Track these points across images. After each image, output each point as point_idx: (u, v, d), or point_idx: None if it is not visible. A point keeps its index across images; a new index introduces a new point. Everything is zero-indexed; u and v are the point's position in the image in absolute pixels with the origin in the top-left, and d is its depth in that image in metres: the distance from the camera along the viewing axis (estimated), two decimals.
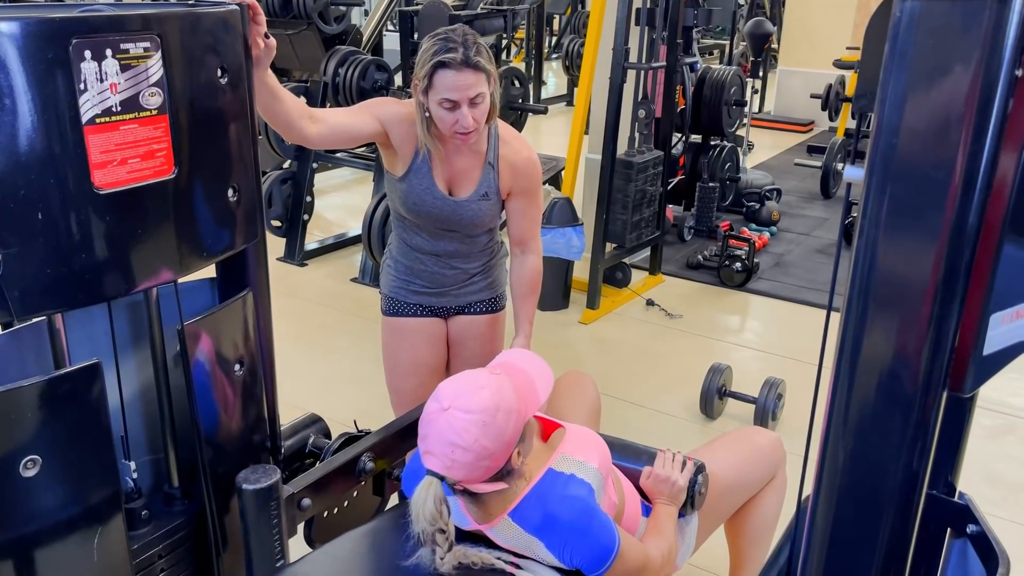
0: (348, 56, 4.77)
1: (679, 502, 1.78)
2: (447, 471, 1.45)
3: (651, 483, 1.80)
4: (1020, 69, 0.76)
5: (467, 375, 1.51)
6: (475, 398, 1.43)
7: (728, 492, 1.95)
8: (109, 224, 1.28)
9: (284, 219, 4.91)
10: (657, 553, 1.64)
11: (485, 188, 2.12)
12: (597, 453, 1.66)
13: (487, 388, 1.45)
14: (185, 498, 1.65)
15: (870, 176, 0.83)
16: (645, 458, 1.87)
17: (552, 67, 12.25)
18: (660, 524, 1.73)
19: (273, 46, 1.62)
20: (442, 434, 1.43)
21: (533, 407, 1.53)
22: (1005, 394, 3.48)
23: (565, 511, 1.52)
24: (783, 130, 8.89)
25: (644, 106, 4.31)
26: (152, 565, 1.56)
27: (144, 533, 1.56)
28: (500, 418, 1.43)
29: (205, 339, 1.53)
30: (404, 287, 2.28)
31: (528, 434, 1.53)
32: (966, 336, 0.82)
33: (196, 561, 1.65)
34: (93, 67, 1.21)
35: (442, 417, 1.43)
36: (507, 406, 1.45)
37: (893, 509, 0.90)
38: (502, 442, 1.44)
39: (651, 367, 3.75)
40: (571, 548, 1.51)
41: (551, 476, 1.57)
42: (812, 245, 5.37)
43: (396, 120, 2.06)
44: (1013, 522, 2.70)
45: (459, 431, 1.41)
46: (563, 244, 4.04)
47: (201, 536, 1.65)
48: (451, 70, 1.90)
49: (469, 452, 1.42)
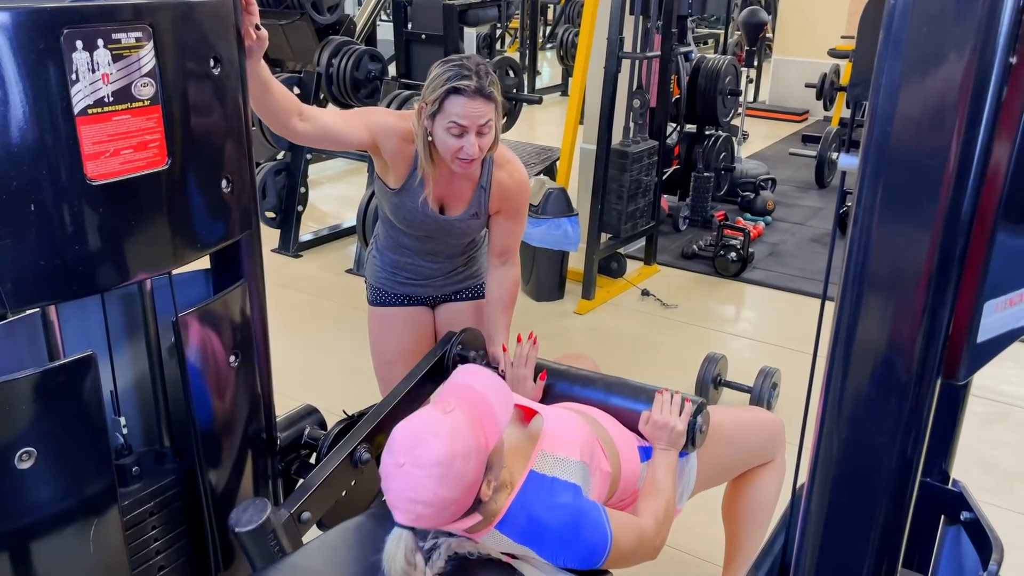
0: (341, 46, 4.74)
1: (679, 446, 1.76)
2: (415, 523, 1.41)
3: (649, 429, 1.78)
4: (1014, 57, 0.76)
5: (418, 419, 1.41)
6: (428, 452, 1.35)
7: (728, 442, 1.93)
8: (102, 215, 1.27)
9: (278, 210, 4.89)
10: (652, 519, 1.62)
11: (475, 209, 2.15)
12: (578, 441, 1.63)
13: (440, 436, 1.36)
14: (182, 495, 1.64)
15: (864, 165, 0.83)
16: (644, 397, 1.84)
17: (547, 57, 12.22)
18: (657, 479, 1.71)
19: (265, 37, 1.61)
20: (401, 492, 1.37)
21: (495, 435, 1.44)
22: (999, 382, 3.50)
23: (552, 520, 1.49)
24: (778, 119, 8.89)
25: (639, 96, 4.30)
26: (150, 562, 1.56)
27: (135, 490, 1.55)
28: (458, 465, 1.36)
29: (200, 330, 1.53)
30: (390, 278, 2.30)
31: (495, 459, 1.46)
32: (960, 324, 0.82)
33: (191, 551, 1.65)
34: (85, 57, 1.20)
35: (398, 474, 1.37)
36: (464, 450, 1.37)
37: (887, 496, 0.90)
38: (463, 486, 1.38)
39: (646, 357, 3.76)
40: (563, 555, 1.50)
41: (534, 481, 1.53)
42: (807, 234, 5.37)
43: (390, 134, 2.04)
44: (1007, 509, 2.72)
45: (416, 488, 1.35)
46: (558, 235, 4.04)
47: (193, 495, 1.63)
48: (464, 96, 1.91)
49: (431, 506, 1.36)
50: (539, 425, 1.68)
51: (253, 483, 1.77)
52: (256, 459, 1.77)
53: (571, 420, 1.72)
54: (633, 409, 1.85)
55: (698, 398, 1.82)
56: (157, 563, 1.59)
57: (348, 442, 1.84)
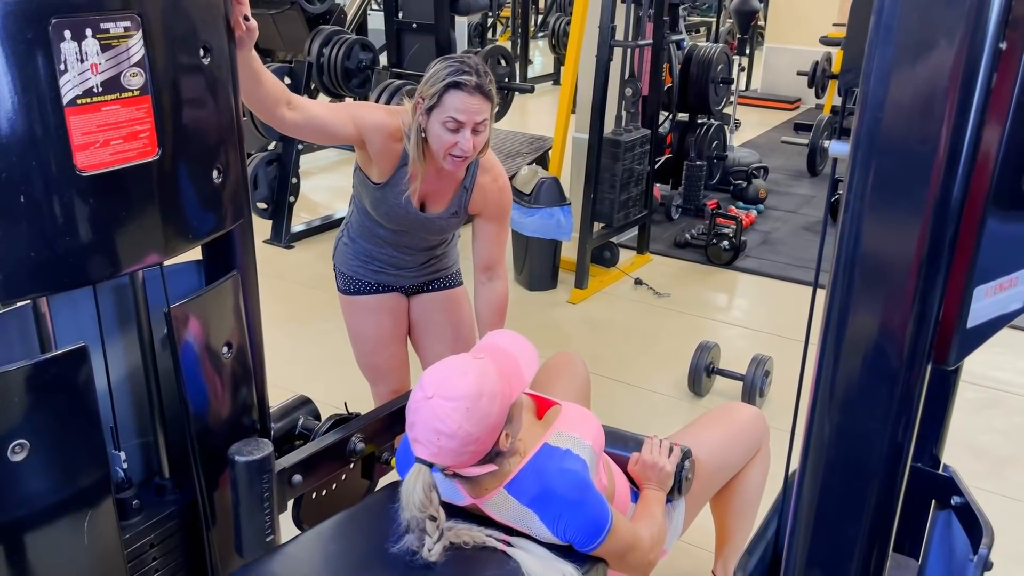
0: (332, 36, 4.72)
1: (667, 487, 1.81)
2: (435, 458, 1.47)
3: (639, 469, 1.82)
4: (1004, 42, 0.76)
5: (451, 361, 1.52)
6: (458, 385, 1.45)
7: (712, 474, 1.98)
8: (93, 207, 1.26)
9: (270, 201, 4.88)
10: (647, 534, 1.66)
11: (456, 208, 2.17)
12: (591, 431, 1.68)
13: (469, 374, 1.47)
14: (176, 488, 1.65)
15: (855, 151, 0.83)
16: (633, 444, 1.89)
17: (538, 46, 12.17)
18: (649, 508, 1.76)
19: (255, 28, 1.60)
20: (427, 422, 1.45)
21: (519, 388, 1.54)
22: (989, 368, 3.52)
23: (561, 484, 1.55)
24: (770, 108, 8.89)
25: (631, 84, 4.29)
26: (144, 554, 1.57)
27: (135, 523, 1.56)
28: (484, 403, 1.45)
29: (193, 322, 1.53)
30: (363, 267, 2.31)
31: (516, 414, 1.54)
32: (950, 309, 0.83)
33: (188, 549, 1.66)
34: (73, 47, 1.19)
35: (426, 406, 1.45)
36: (490, 390, 1.46)
37: (878, 481, 0.91)
38: (486, 426, 1.46)
39: (639, 346, 3.77)
40: (565, 521, 1.53)
41: (547, 450, 1.59)
42: (799, 223, 5.38)
43: (377, 131, 2.04)
44: (998, 494, 2.74)
45: (443, 418, 1.43)
46: (551, 224, 4.04)
47: (193, 525, 1.65)
48: (463, 92, 1.92)
49: (454, 439, 1.44)
50: (555, 415, 1.73)
51: None
52: None
53: (588, 416, 1.76)
54: (623, 455, 1.88)
55: (685, 446, 1.86)
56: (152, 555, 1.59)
57: (346, 429, 1.86)
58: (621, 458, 1.87)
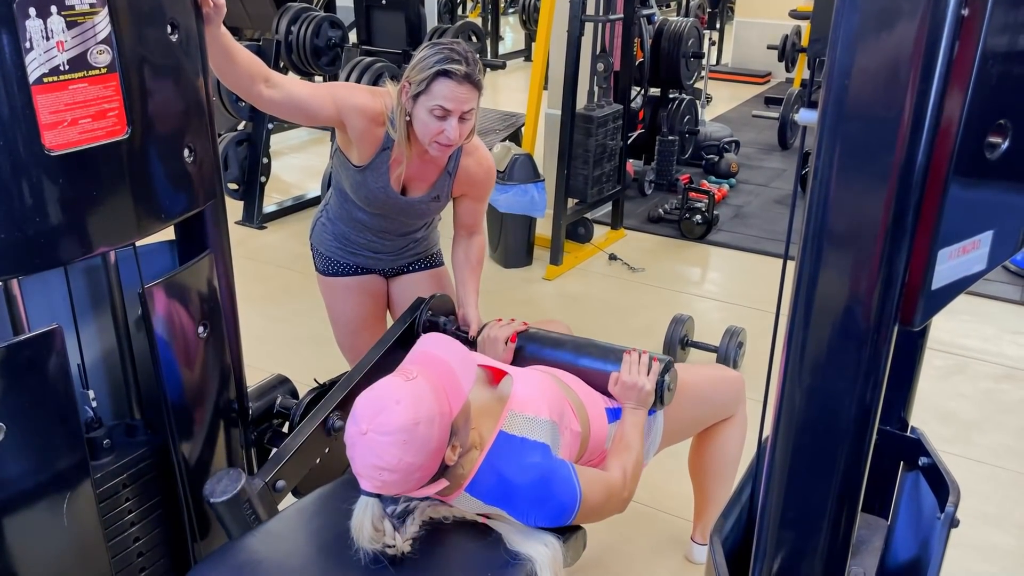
0: (300, 13, 4.66)
1: (647, 405, 1.80)
2: (380, 490, 1.43)
3: (619, 389, 1.81)
4: (966, 9, 0.77)
5: (381, 387, 1.42)
6: (390, 418, 1.36)
7: (692, 399, 1.98)
8: (62, 186, 1.25)
9: (241, 182, 4.82)
10: (620, 473, 1.66)
11: (438, 192, 2.16)
12: (547, 401, 1.65)
13: (402, 402, 1.37)
14: (148, 429, 1.63)
15: (823, 118, 0.84)
16: (612, 358, 1.88)
17: (509, 22, 12.10)
18: (626, 436, 1.75)
19: (222, 5, 1.58)
20: (364, 458, 1.38)
21: (458, 401, 1.45)
22: (956, 335, 3.59)
23: (522, 480, 1.52)
24: (741, 82, 8.92)
25: (603, 59, 4.29)
26: (117, 494, 1.56)
27: (107, 462, 1.54)
28: (421, 431, 1.37)
29: (167, 302, 1.52)
30: (341, 248, 2.30)
31: (461, 424, 1.47)
32: (915, 271, 0.85)
33: (162, 491, 1.64)
34: (38, 25, 1.17)
35: (362, 441, 1.38)
36: (427, 415, 1.38)
37: (848, 441, 0.93)
38: (427, 452, 1.39)
39: (615, 320, 3.80)
40: (534, 514, 1.53)
41: (503, 441, 1.56)
42: (770, 196, 5.43)
43: (358, 114, 2.01)
44: (965, 457, 2.81)
45: (380, 454, 1.36)
46: (525, 201, 4.04)
47: (166, 467, 1.63)
48: (453, 80, 1.90)
49: (396, 472, 1.38)
50: (508, 386, 1.71)
51: (226, 453, 1.77)
52: (228, 429, 1.76)
53: (541, 381, 1.74)
54: (602, 370, 1.88)
55: (665, 356, 1.85)
56: (132, 535, 1.59)
57: (321, 410, 1.85)
58: (600, 375, 1.85)
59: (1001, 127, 0.84)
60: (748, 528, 1.35)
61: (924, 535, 1.35)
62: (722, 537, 1.26)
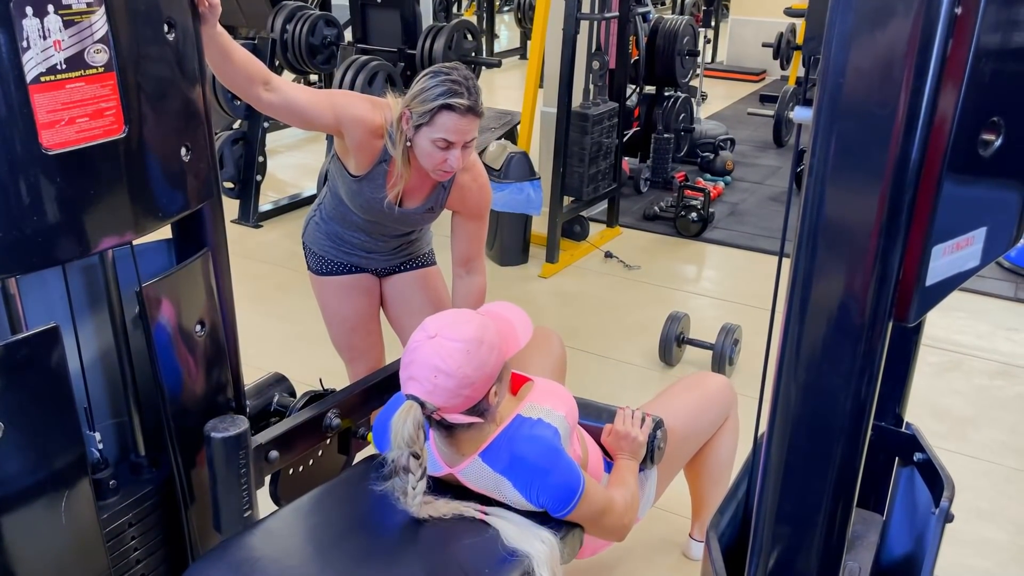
0: (296, 11, 4.66)
1: (639, 457, 1.84)
2: (428, 396, 1.50)
3: (612, 440, 1.86)
4: (959, 7, 0.78)
5: (454, 310, 1.62)
6: (462, 328, 1.52)
7: (683, 442, 2.01)
8: (60, 185, 1.25)
9: (237, 180, 4.82)
10: (620, 499, 1.70)
11: (432, 204, 2.16)
12: (564, 404, 1.72)
13: (473, 322, 1.54)
14: (152, 466, 1.65)
15: (818, 116, 0.85)
16: (606, 416, 1.92)
17: (504, 20, 12.09)
18: (622, 476, 1.79)
19: (217, 4, 1.57)
20: (427, 359, 1.50)
21: (513, 348, 1.61)
22: (951, 332, 3.61)
23: (531, 451, 1.58)
24: (736, 80, 8.93)
25: (598, 57, 4.29)
26: (123, 534, 1.57)
27: (113, 503, 1.56)
28: (483, 350, 1.51)
29: (165, 301, 1.52)
30: (334, 247, 2.30)
31: (505, 375, 1.60)
32: (910, 267, 0.85)
33: (166, 527, 1.66)
34: (35, 24, 1.17)
35: (428, 344, 1.51)
36: (490, 341, 1.53)
37: (843, 437, 0.94)
38: (483, 373, 1.51)
39: (611, 318, 3.80)
40: (537, 487, 1.57)
41: (519, 420, 1.63)
42: (766, 193, 5.44)
43: (357, 125, 2.00)
44: (960, 454, 2.82)
45: (444, 356, 1.49)
46: (521, 199, 4.04)
47: (170, 502, 1.65)
48: (456, 114, 1.90)
49: (452, 378, 1.49)
50: (529, 388, 1.77)
51: None
52: None
53: (561, 391, 1.79)
54: (596, 426, 1.92)
55: (656, 416, 1.89)
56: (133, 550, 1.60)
57: (321, 404, 1.87)
58: (594, 429, 1.91)
59: (994, 124, 0.85)
60: (744, 524, 1.35)
61: (919, 530, 1.36)
62: (718, 533, 1.27)
